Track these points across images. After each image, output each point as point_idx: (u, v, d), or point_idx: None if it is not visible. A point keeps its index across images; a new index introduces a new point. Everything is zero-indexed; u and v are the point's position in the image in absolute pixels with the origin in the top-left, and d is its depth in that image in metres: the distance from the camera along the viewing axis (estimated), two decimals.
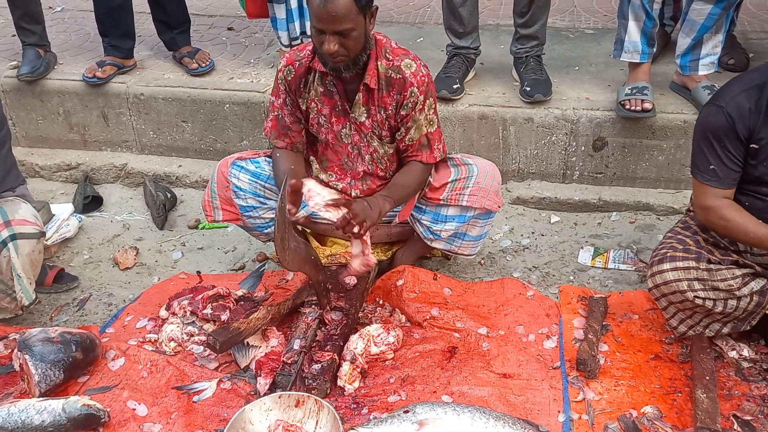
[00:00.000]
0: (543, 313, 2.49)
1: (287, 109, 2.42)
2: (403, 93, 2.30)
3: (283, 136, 2.46)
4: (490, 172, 2.49)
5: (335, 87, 2.34)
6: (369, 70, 2.27)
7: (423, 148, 2.40)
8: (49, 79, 3.52)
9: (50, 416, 2.02)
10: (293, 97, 2.40)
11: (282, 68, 2.39)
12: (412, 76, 2.29)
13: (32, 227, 2.38)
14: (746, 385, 2.14)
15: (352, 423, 2.04)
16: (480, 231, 2.56)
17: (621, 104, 2.94)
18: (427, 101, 2.33)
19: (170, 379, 2.26)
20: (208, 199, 2.60)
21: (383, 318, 2.51)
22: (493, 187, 2.48)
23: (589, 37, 3.72)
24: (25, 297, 2.42)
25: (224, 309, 2.48)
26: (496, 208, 2.52)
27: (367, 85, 2.29)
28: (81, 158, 3.55)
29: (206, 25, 4.08)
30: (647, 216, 3.05)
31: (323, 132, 2.44)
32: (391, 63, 2.30)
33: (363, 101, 2.34)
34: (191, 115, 3.42)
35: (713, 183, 2.08)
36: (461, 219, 2.49)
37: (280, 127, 2.46)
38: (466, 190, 2.45)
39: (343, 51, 2.15)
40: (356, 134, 2.42)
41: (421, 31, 3.89)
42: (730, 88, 2.05)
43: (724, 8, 2.76)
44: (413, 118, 2.33)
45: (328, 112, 2.39)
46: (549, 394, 2.15)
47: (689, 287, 2.10)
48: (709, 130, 2.05)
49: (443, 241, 2.55)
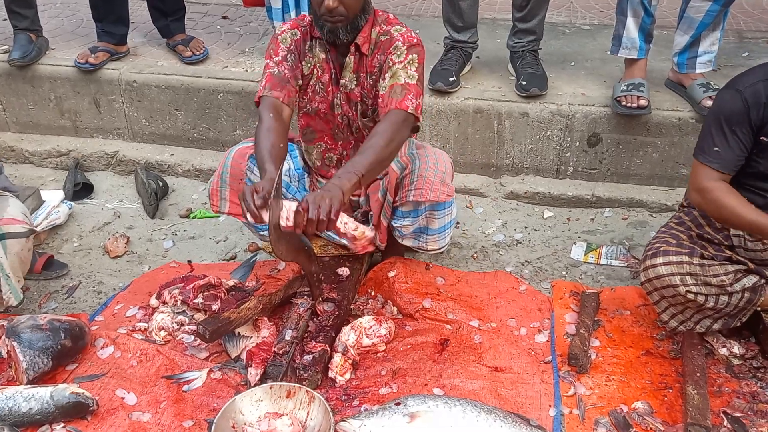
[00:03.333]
0: (535, 308, 2.49)
1: (287, 64, 2.33)
2: (387, 52, 2.27)
3: (280, 87, 2.29)
4: (432, 161, 2.38)
5: (330, 53, 2.32)
6: (363, 33, 2.26)
7: (394, 95, 2.20)
8: (41, 64, 3.48)
9: (38, 404, 2.00)
10: (296, 56, 2.35)
11: (285, 30, 2.36)
12: (399, 36, 2.27)
13: (21, 226, 2.34)
14: (736, 382, 2.15)
15: (343, 414, 2.04)
16: (441, 223, 2.47)
17: (617, 100, 2.93)
18: (409, 55, 2.26)
19: (160, 368, 2.24)
20: (216, 188, 2.46)
21: (375, 310, 2.50)
22: (438, 176, 2.35)
23: (586, 32, 3.72)
24: (14, 297, 2.38)
25: (215, 298, 2.47)
26: (445, 199, 2.37)
27: (359, 47, 2.27)
28: (72, 145, 3.52)
29: (201, 12, 4.05)
30: (640, 213, 3.06)
31: (317, 101, 2.40)
32: (384, 29, 2.29)
33: (354, 67, 2.31)
34: (184, 103, 3.39)
35: (713, 164, 2.08)
36: (415, 214, 2.44)
37: (276, 79, 2.30)
38: (412, 185, 2.37)
39: (342, 10, 2.14)
40: (345, 104, 2.39)
41: (418, 23, 3.88)
42: (751, 75, 2.05)
43: (723, 4, 2.76)
44: (390, 68, 2.25)
45: (327, 80, 2.37)
46: (540, 388, 2.15)
47: (682, 282, 2.10)
48: (723, 113, 2.05)
49: (409, 237, 2.52)
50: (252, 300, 2.36)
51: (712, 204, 2.10)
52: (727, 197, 2.07)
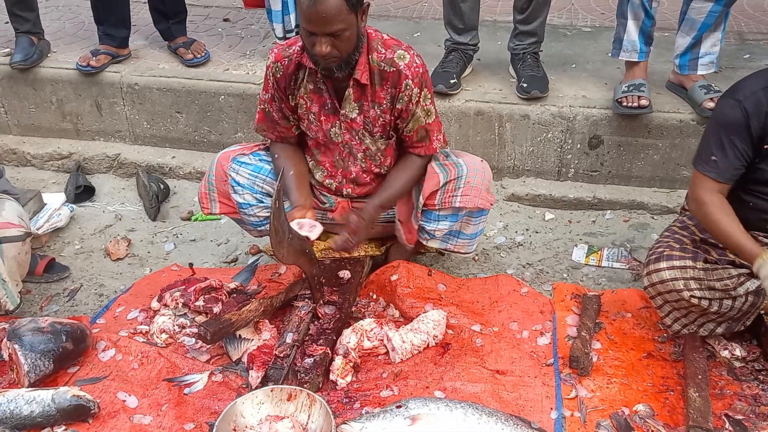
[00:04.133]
0: (537, 310, 2.49)
1: (275, 104, 2.40)
2: (398, 86, 2.27)
3: (272, 129, 2.47)
4: (480, 169, 2.43)
5: (325, 85, 2.30)
6: (359, 65, 2.22)
7: (422, 140, 2.38)
8: (43, 67, 3.49)
9: (39, 406, 2.00)
10: (282, 94, 2.37)
11: (271, 65, 2.35)
12: (407, 68, 2.25)
13: (17, 230, 2.34)
14: (738, 385, 2.15)
15: (344, 417, 2.03)
16: (475, 229, 2.52)
17: (618, 101, 2.93)
18: (422, 92, 2.30)
19: (161, 371, 2.24)
20: (205, 192, 2.56)
21: (377, 313, 2.50)
22: (484, 184, 2.42)
23: (587, 35, 3.72)
24: (10, 302, 2.38)
25: (216, 301, 2.47)
26: (489, 206, 2.47)
27: (357, 80, 2.25)
28: (73, 147, 3.52)
29: (202, 15, 4.05)
30: (641, 215, 3.05)
31: (313, 130, 2.42)
32: (383, 55, 2.25)
33: (354, 97, 2.30)
34: (186, 106, 3.39)
35: (711, 174, 2.08)
36: (453, 218, 2.46)
37: (267, 120, 2.45)
38: (458, 191, 2.40)
39: (335, 52, 2.11)
40: (346, 133, 2.39)
41: (419, 25, 3.88)
42: (751, 82, 2.04)
43: (724, 5, 2.76)
44: (410, 112, 2.31)
45: (317, 110, 2.36)
46: (542, 390, 2.14)
47: (685, 286, 2.10)
48: (722, 122, 2.05)
49: (438, 240, 2.53)
50: (253, 302, 2.36)
51: (704, 217, 2.11)
52: (718, 213, 2.06)
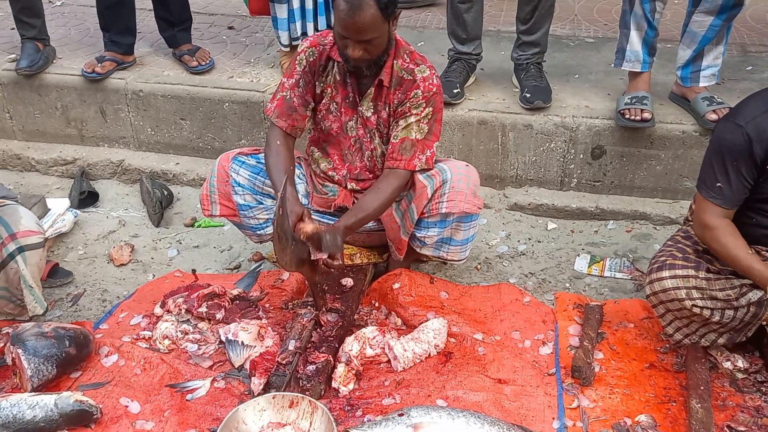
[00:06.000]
0: (539, 320, 2.49)
1: (298, 90, 2.41)
2: (407, 93, 2.32)
3: (286, 116, 2.42)
4: (464, 173, 2.42)
5: (349, 78, 2.36)
6: (386, 68, 2.30)
7: (404, 152, 2.34)
8: (48, 73, 3.50)
9: (42, 411, 2.01)
10: (310, 78, 2.40)
11: (305, 49, 2.39)
12: (422, 81, 2.31)
13: (37, 237, 2.36)
14: (740, 396, 2.15)
15: (346, 425, 2.04)
16: (465, 235, 2.50)
17: (620, 113, 2.94)
18: (426, 109, 2.32)
19: (164, 377, 2.25)
20: (207, 193, 2.57)
21: (379, 320, 2.50)
22: (470, 189, 2.40)
23: (590, 45, 3.73)
24: (39, 306, 2.41)
25: (219, 307, 2.47)
26: (476, 211, 2.44)
27: (381, 81, 2.32)
28: (78, 153, 3.54)
29: (207, 23, 4.07)
30: (644, 225, 3.06)
31: (330, 119, 2.45)
32: (407, 65, 2.33)
33: (373, 96, 2.37)
34: (190, 113, 3.41)
35: (717, 201, 2.08)
36: (442, 224, 2.46)
37: (285, 107, 2.42)
38: (444, 197, 2.40)
39: (366, 56, 2.21)
40: (361, 128, 2.43)
41: (422, 35, 3.89)
42: (751, 106, 2.02)
43: (725, 20, 2.77)
44: (404, 117, 2.34)
45: (340, 101, 2.41)
46: (544, 400, 2.14)
47: (687, 296, 2.10)
48: (724, 147, 2.03)
49: (430, 247, 2.53)
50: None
51: (712, 242, 2.11)
52: (726, 237, 2.07)
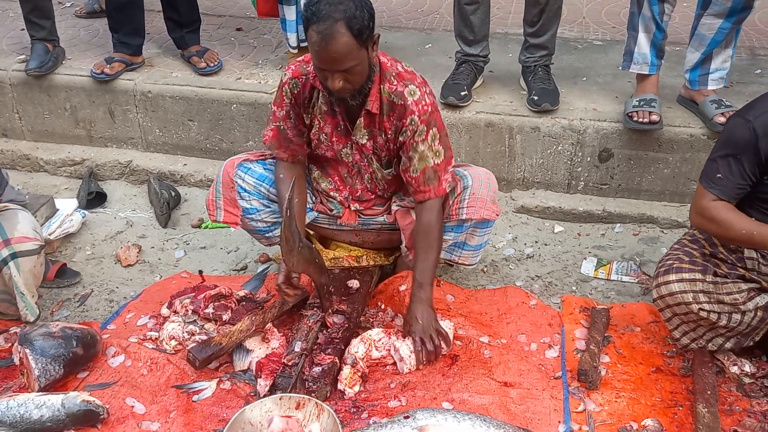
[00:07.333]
0: (545, 323, 2.49)
1: (290, 122, 2.40)
2: (403, 120, 2.27)
3: (284, 148, 2.44)
4: (485, 180, 2.43)
5: (337, 107, 2.32)
6: (371, 96, 2.24)
7: (430, 182, 2.32)
8: (57, 74, 3.52)
9: (49, 411, 2.02)
10: (298, 110, 2.38)
11: (288, 81, 2.34)
12: (414, 104, 2.25)
13: (32, 243, 2.36)
14: (747, 401, 2.13)
15: (351, 427, 2.04)
16: (480, 240, 2.52)
17: (628, 116, 2.94)
18: (430, 131, 2.28)
19: (170, 378, 2.25)
20: (212, 198, 2.57)
21: (385, 323, 2.50)
22: (489, 196, 2.42)
23: (598, 48, 3.72)
24: (30, 313, 2.42)
25: (226, 309, 2.48)
26: (494, 217, 2.46)
27: (368, 110, 2.27)
28: (86, 154, 3.55)
29: (215, 24, 4.08)
30: (651, 229, 3.05)
31: (323, 148, 2.44)
32: (395, 88, 2.26)
33: (364, 124, 2.32)
34: (198, 114, 3.42)
35: (715, 191, 2.08)
36: (459, 229, 2.47)
37: (281, 138, 2.42)
38: (464, 202, 2.41)
39: (348, 86, 2.14)
40: (357, 154, 2.41)
41: (430, 37, 3.89)
42: (762, 103, 2.03)
43: (734, 23, 2.76)
44: (414, 148, 2.29)
45: (330, 131, 2.38)
46: (550, 404, 2.14)
47: (694, 299, 2.09)
48: (731, 140, 2.05)
49: (443, 251, 2.53)
50: (245, 321, 2.34)
51: (713, 222, 2.09)
52: (726, 213, 2.07)
